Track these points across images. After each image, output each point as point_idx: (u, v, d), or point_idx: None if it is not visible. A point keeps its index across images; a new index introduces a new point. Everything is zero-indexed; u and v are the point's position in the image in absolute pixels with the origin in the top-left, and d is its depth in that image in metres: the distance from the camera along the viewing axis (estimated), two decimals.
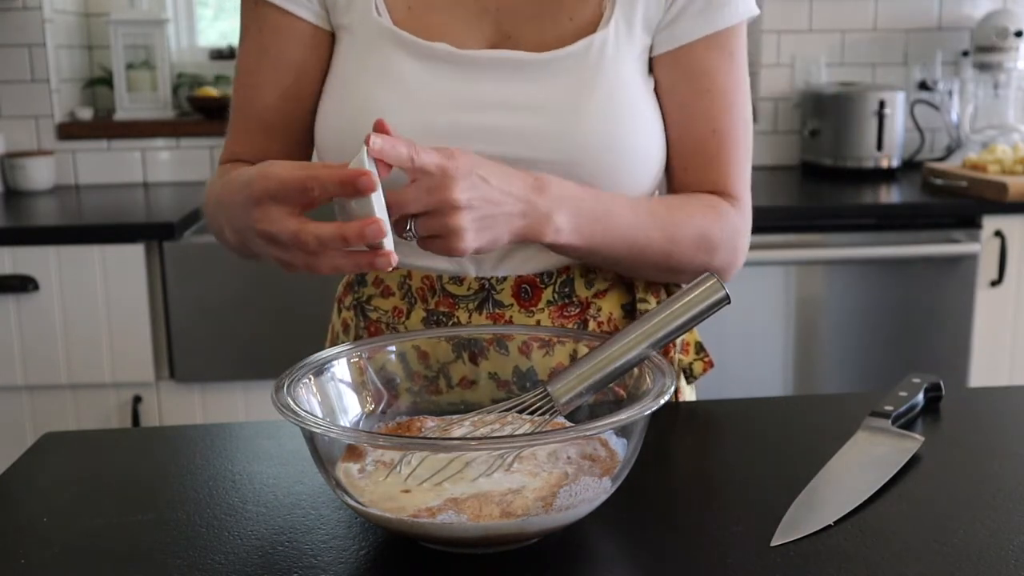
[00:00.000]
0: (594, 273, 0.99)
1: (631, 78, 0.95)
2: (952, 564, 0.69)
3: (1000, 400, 1.07)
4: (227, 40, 2.98)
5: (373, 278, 1.02)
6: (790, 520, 0.74)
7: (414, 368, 0.87)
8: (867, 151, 2.65)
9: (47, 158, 2.64)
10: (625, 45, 0.94)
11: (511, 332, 0.88)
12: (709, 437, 0.96)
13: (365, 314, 1.02)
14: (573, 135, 0.92)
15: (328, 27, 0.98)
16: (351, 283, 1.05)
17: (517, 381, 0.87)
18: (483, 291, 0.97)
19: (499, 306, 0.97)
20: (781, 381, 2.35)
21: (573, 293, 0.98)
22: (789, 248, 2.30)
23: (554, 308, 0.98)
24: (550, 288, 0.98)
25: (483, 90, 0.93)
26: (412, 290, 0.99)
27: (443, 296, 0.97)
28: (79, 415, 2.20)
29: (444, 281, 0.97)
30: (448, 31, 0.95)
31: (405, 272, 0.99)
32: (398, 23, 0.95)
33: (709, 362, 1.05)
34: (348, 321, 1.05)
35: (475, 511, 0.68)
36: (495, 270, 0.97)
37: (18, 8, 2.60)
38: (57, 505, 0.81)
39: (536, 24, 0.95)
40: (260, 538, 0.74)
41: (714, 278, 0.78)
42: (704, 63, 0.96)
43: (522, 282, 0.97)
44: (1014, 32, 2.66)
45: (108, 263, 2.14)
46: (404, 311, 0.99)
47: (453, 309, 0.97)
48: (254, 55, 0.99)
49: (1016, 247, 2.33)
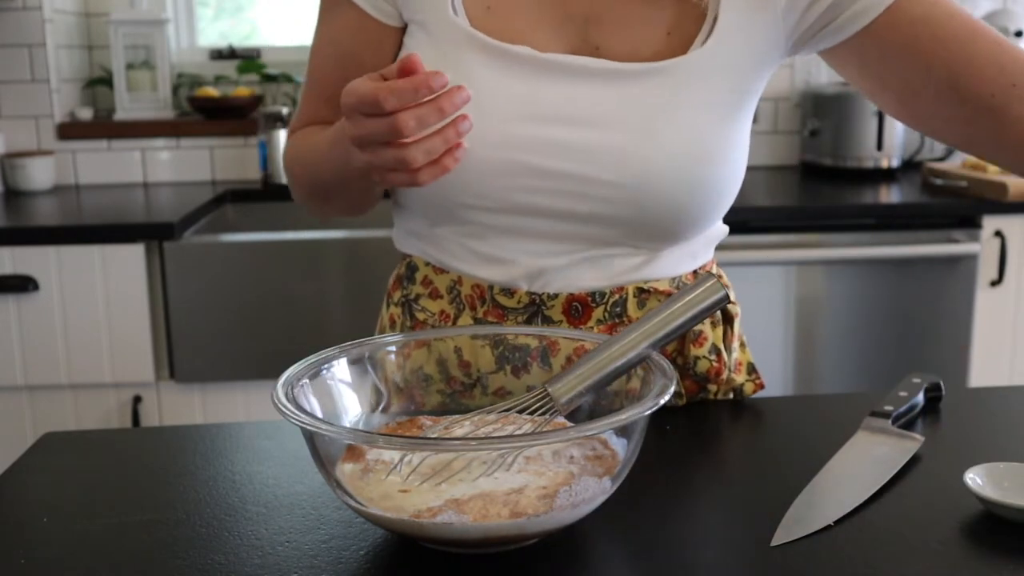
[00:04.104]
0: (648, 293, 0.96)
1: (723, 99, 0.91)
2: (952, 564, 0.69)
3: (1000, 400, 1.07)
4: (227, 40, 2.98)
5: (422, 277, 1.01)
6: (790, 520, 0.74)
7: (452, 373, 0.87)
8: (867, 151, 2.65)
9: (47, 158, 2.64)
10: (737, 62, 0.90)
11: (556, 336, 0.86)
12: (709, 437, 0.96)
13: (412, 313, 1.02)
14: (644, 158, 0.88)
15: (397, 23, 0.96)
16: (401, 277, 1.04)
17: None
18: (533, 305, 0.95)
19: (548, 322, 0.95)
20: (781, 381, 2.35)
21: (624, 313, 0.96)
22: (789, 248, 2.30)
23: (604, 327, 0.95)
24: (601, 307, 0.95)
25: (563, 101, 0.89)
26: (461, 296, 0.98)
27: (492, 306, 0.96)
28: (79, 415, 2.20)
29: (495, 292, 0.96)
30: (529, 37, 0.90)
31: (456, 277, 0.98)
32: (475, 24, 0.91)
33: (760, 384, 1.04)
34: (396, 317, 1.04)
35: (480, 511, 0.68)
36: (547, 286, 0.95)
37: (18, 8, 2.60)
38: (57, 505, 0.81)
39: (628, 36, 0.90)
40: (260, 538, 0.74)
41: (714, 278, 0.79)
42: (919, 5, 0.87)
43: (573, 300, 0.95)
44: (1014, 32, 2.66)
45: (108, 263, 2.14)
46: (452, 316, 0.98)
47: (502, 320, 0.96)
48: (322, 43, 1.00)
49: (1016, 247, 2.33)
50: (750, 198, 2.58)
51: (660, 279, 0.97)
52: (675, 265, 0.98)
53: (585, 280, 0.95)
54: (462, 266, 0.97)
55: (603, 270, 0.95)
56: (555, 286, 0.95)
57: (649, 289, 0.96)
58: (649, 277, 0.96)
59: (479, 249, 0.96)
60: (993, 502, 0.73)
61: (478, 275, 0.96)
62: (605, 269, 0.95)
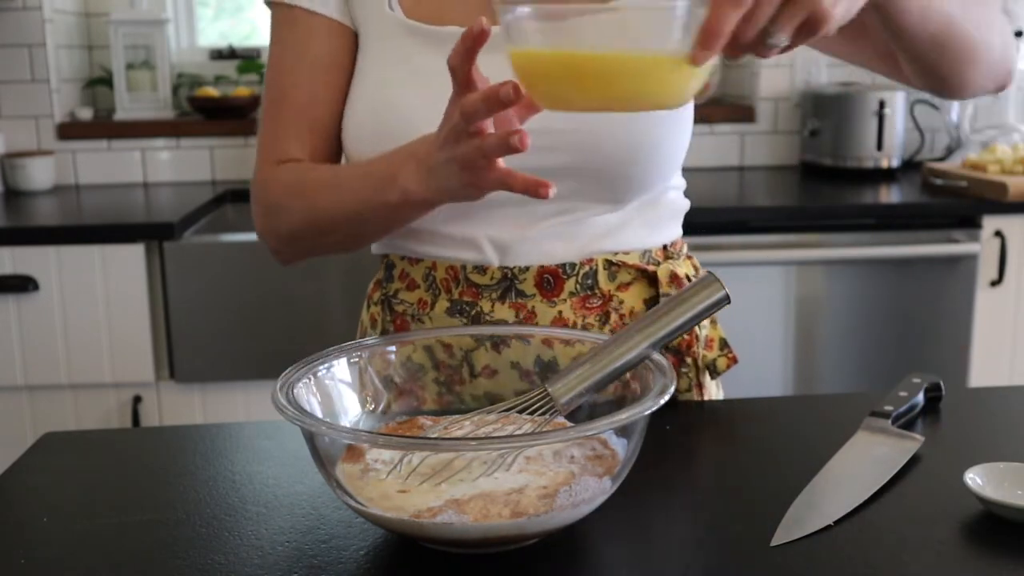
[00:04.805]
0: (617, 267, 1.00)
1: None
2: (952, 564, 0.69)
3: (1000, 400, 1.07)
4: (227, 40, 2.98)
5: (399, 272, 1.04)
6: (790, 520, 0.74)
7: (439, 358, 0.88)
8: (867, 151, 2.65)
9: (47, 158, 2.64)
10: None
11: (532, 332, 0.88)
12: (709, 437, 0.96)
13: (391, 308, 1.04)
14: None
15: (352, 25, 1.01)
16: (380, 280, 1.08)
17: (540, 372, 0.87)
18: (506, 280, 0.98)
19: (522, 296, 0.98)
20: (781, 381, 2.35)
21: (596, 285, 0.99)
22: (789, 248, 2.30)
23: (576, 299, 0.99)
24: (572, 279, 0.98)
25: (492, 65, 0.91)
26: (436, 281, 1.00)
27: (467, 286, 0.99)
28: (79, 415, 2.20)
29: (468, 271, 0.98)
30: (460, 16, 0.94)
31: (430, 264, 1.00)
32: (409, 14, 0.97)
33: (733, 358, 1.06)
34: (375, 316, 1.07)
35: (481, 511, 0.68)
36: (517, 260, 0.98)
37: (18, 8, 2.60)
38: (57, 505, 0.81)
39: None
40: (260, 538, 0.74)
41: (715, 278, 0.78)
42: None
43: (544, 272, 0.98)
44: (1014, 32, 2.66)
45: (108, 263, 2.14)
46: (428, 302, 1.01)
47: (476, 299, 0.99)
48: (290, 57, 1.01)
49: (1016, 247, 2.33)
50: (750, 198, 2.58)
51: (629, 251, 1.00)
52: (643, 237, 1.01)
53: (554, 251, 0.98)
54: (433, 250, 0.99)
55: (571, 240, 0.97)
56: (525, 259, 0.97)
57: (618, 262, 0.99)
58: (617, 248, 0.99)
59: (447, 231, 0.98)
60: (993, 502, 0.73)
61: (450, 256, 0.99)
62: (574, 240, 0.97)
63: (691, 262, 1.07)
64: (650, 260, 1.01)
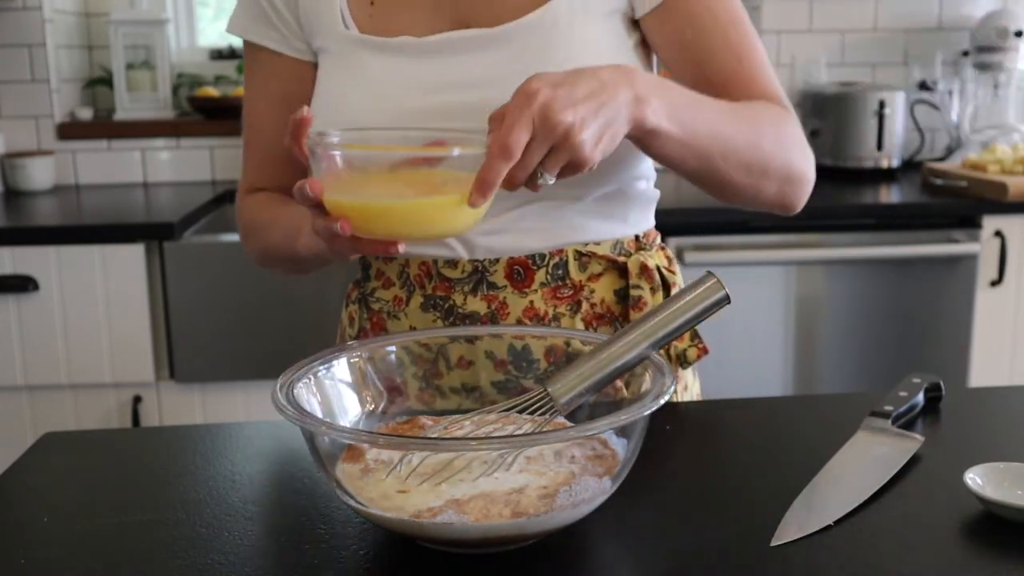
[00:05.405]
0: (588, 257, 1.01)
1: (599, 39, 0.96)
2: (952, 564, 0.69)
3: (1000, 400, 1.07)
4: (227, 40, 2.98)
5: (376, 272, 1.06)
6: (790, 520, 0.74)
7: (416, 352, 0.89)
8: (867, 151, 2.65)
9: (47, 158, 2.64)
10: (592, 7, 0.96)
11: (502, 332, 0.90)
12: (709, 437, 0.96)
13: (368, 306, 1.07)
14: None
15: (311, 58, 1.05)
16: (359, 280, 1.10)
17: (513, 361, 0.88)
18: (477, 273, 1.00)
19: (493, 287, 1.00)
20: (781, 381, 2.35)
21: (567, 276, 1.00)
22: (789, 248, 2.30)
23: (547, 289, 1.00)
24: (543, 270, 1.00)
25: (445, 71, 0.96)
26: (410, 277, 1.02)
27: (439, 281, 1.01)
28: (79, 415, 2.20)
29: (440, 266, 1.00)
30: (409, 27, 0.99)
31: (403, 261, 1.02)
32: (363, 30, 1.00)
33: (703, 348, 1.06)
34: (353, 315, 1.09)
35: (481, 511, 0.68)
36: (487, 253, 0.99)
37: (18, 8, 2.60)
38: (57, 505, 0.81)
39: (490, 4, 0.98)
40: (260, 538, 0.74)
41: (714, 278, 0.78)
42: (698, 2, 0.97)
43: (514, 264, 0.99)
44: (1014, 32, 2.66)
45: (108, 263, 2.14)
46: (403, 299, 1.03)
47: (449, 293, 1.01)
48: (253, 95, 1.09)
49: (1016, 247, 2.33)
50: None
51: (600, 241, 1.01)
52: (612, 228, 1.02)
53: (523, 243, 0.99)
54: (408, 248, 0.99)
55: (540, 232, 0.99)
56: (493, 252, 0.99)
57: (589, 253, 1.01)
58: (587, 239, 1.01)
59: None
60: (993, 502, 0.73)
61: (421, 252, 1.01)
62: (542, 231, 0.99)
63: (664, 253, 1.09)
64: (621, 251, 1.03)
